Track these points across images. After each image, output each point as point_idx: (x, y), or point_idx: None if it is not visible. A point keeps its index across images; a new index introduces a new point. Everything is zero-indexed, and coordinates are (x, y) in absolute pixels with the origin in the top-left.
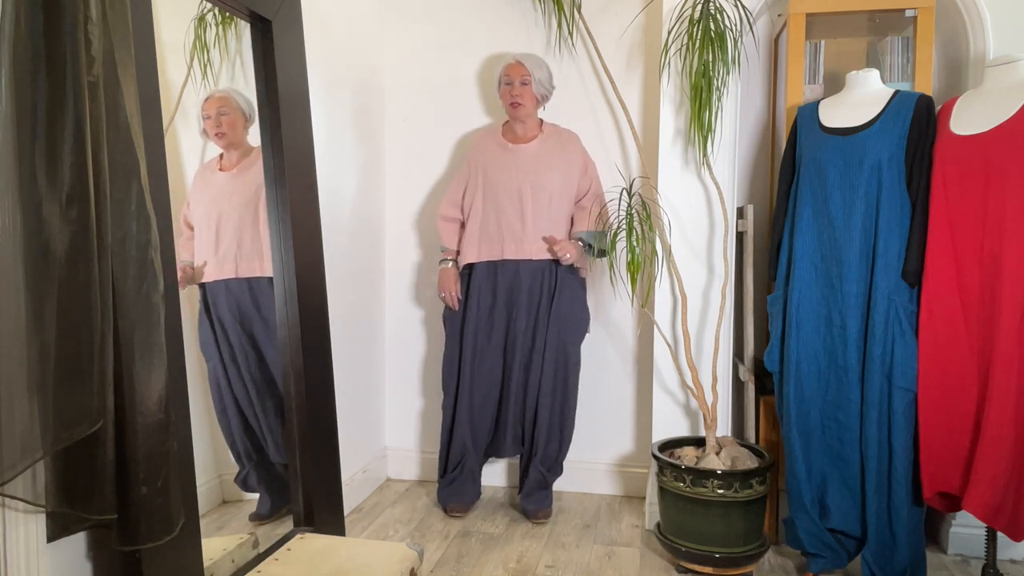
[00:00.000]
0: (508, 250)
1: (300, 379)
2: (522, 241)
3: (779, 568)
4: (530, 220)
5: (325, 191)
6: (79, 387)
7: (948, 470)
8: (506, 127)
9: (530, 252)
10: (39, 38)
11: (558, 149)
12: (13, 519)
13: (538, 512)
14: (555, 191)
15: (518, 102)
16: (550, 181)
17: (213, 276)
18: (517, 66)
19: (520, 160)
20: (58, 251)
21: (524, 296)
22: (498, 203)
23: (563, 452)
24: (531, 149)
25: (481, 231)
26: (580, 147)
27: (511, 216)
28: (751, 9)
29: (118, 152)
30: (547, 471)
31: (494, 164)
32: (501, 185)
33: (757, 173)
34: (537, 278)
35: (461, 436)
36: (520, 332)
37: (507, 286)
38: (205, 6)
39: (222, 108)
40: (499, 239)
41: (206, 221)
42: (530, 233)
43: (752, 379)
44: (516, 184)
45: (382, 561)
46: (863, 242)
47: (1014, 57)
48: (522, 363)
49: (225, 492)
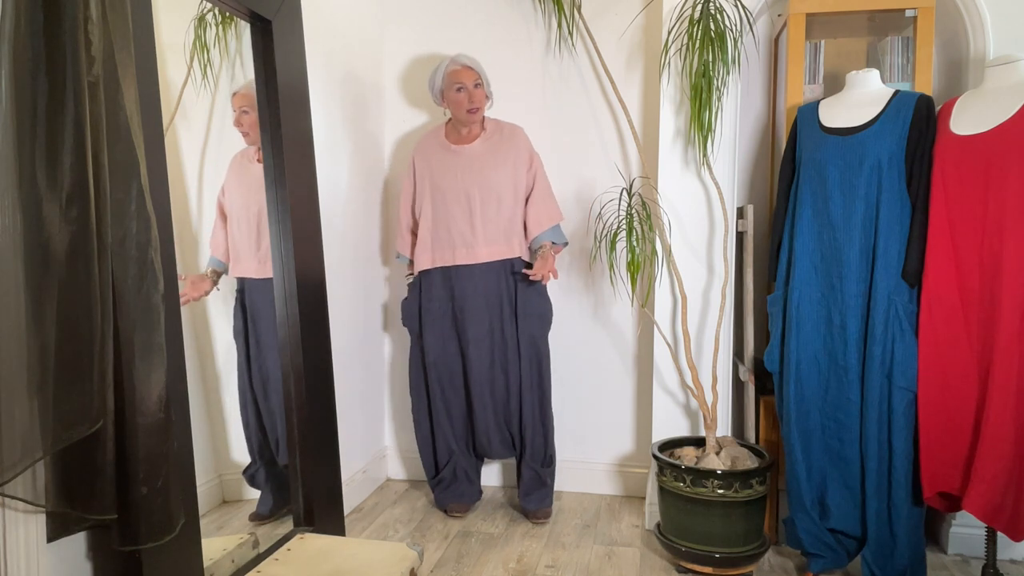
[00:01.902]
0: (460, 255)
1: (300, 379)
2: (472, 246)
3: (779, 568)
4: (479, 224)
5: (325, 191)
6: (79, 387)
7: (948, 470)
8: (449, 127)
9: (481, 256)
10: (39, 38)
11: (502, 145)
12: (13, 519)
13: (537, 512)
14: (503, 190)
15: (477, 107)
16: (497, 181)
17: (253, 273)
18: (466, 71)
19: (464, 161)
20: (58, 251)
21: (482, 300)
22: (447, 208)
23: (549, 444)
24: (475, 149)
25: (432, 238)
26: (525, 140)
27: (460, 221)
28: (751, 9)
29: (118, 152)
30: (539, 466)
31: (439, 168)
32: (448, 189)
33: (757, 173)
34: (492, 279)
35: (444, 437)
36: (481, 336)
37: (463, 291)
38: (205, 6)
39: (244, 106)
40: (450, 245)
41: (245, 215)
42: (480, 237)
43: (752, 379)
44: (463, 187)
45: (382, 561)
46: (863, 242)
47: (1014, 57)
48: (498, 365)
49: (225, 492)
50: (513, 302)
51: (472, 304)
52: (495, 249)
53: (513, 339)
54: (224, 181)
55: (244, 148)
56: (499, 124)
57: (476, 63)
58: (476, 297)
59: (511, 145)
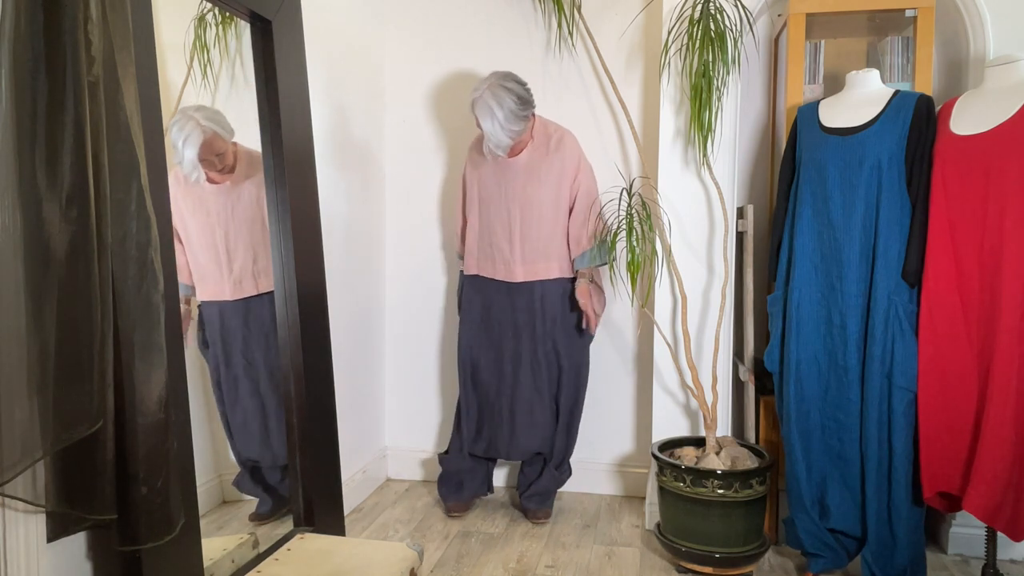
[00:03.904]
0: (499, 271)
1: (300, 379)
2: (510, 264)
3: (779, 568)
4: (518, 242)
5: (325, 191)
6: (79, 387)
7: (948, 470)
8: None
9: (518, 275)
10: (39, 38)
11: (548, 157)
12: (13, 519)
13: (539, 512)
14: (544, 207)
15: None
16: (539, 197)
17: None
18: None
19: (509, 175)
20: (58, 251)
21: (521, 315)
22: (490, 222)
23: (570, 451)
24: (521, 161)
25: (478, 247)
26: (574, 148)
27: (500, 238)
28: (751, 9)
29: (118, 152)
30: (557, 470)
31: (485, 178)
32: (492, 202)
33: (757, 173)
34: (528, 298)
35: (469, 431)
36: (512, 350)
37: (500, 305)
38: (205, 6)
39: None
40: (491, 258)
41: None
42: (517, 256)
43: (752, 379)
44: (505, 203)
45: (382, 561)
46: (863, 242)
47: (1014, 57)
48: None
49: (225, 492)
50: (552, 321)
51: (506, 318)
52: (532, 268)
53: (551, 355)
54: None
55: (185, 174)
56: (547, 129)
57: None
58: (508, 311)
59: (557, 156)
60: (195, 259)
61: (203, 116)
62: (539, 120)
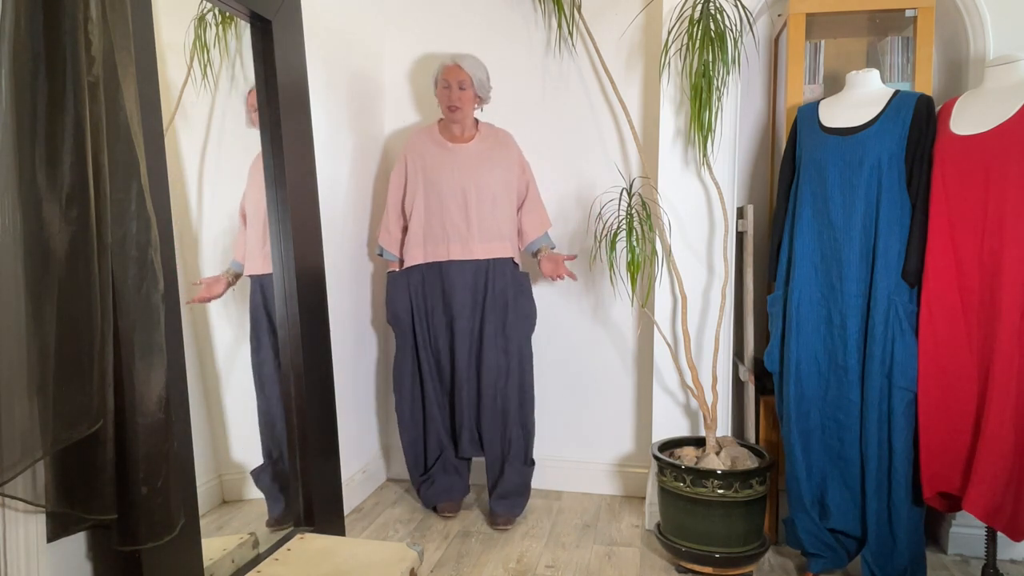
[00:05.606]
0: (454, 251)
1: (300, 379)
2: (467, 241)
3: (779, 568)
4: (475, 220)
5: (325, 191)
6: (79, 387)
7: (948, 470)
8: (442, 125)
9: (476, 252)
10: (39, 38)
11: (496, 149)
12: (13, 519)
13: (509, 516)
14: (498, 191)
15: (456, 106)
16: (492, 181)
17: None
18: (455, 69)
19: (461, 159)
20: (58, 251)
21: (470, 295)
22: (442, 203)
23: (530, 443)
24: (471, 149)
25: (425, 233)
26: (516, 146)
27: (455, 216)
28: (751, 9)
29: (118, 152)
30: (523, 465)
31: (433, 164)
32: (444, 185)
33: (757, 173)
34: (482, 277)
35: (436, 432)
36: (469, 331)
37: (454, 286)
38: (205, 6)
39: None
40: (444, 240)
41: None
42: (475, 233)
43: (752, 379)
44: (459, 184)
45: (382, 561)
46: (863, 242)
47: (1014, 57)
48: (476, 362)
49: (225, 492)
50: (504, 302)
51: (461, 299)
52: (490, 247)
53: (500, 337)
54: (245, 187)
55: (259, 152)
56: (492, 128)
57: (473, 66)
58: (465, 292)
59: (505, 150)
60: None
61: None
62: (483, 122)
